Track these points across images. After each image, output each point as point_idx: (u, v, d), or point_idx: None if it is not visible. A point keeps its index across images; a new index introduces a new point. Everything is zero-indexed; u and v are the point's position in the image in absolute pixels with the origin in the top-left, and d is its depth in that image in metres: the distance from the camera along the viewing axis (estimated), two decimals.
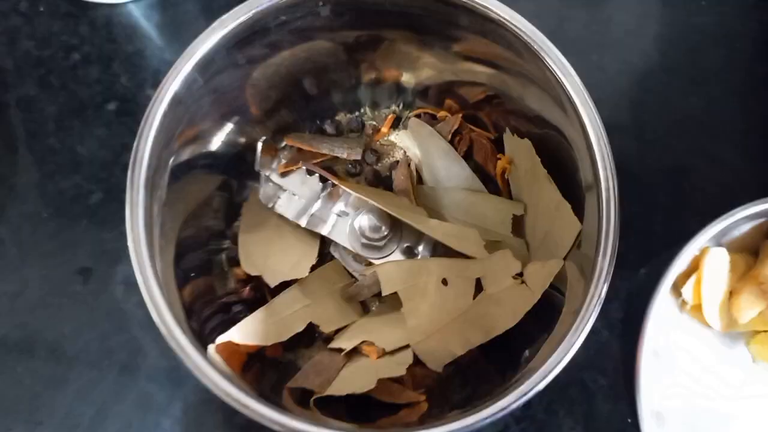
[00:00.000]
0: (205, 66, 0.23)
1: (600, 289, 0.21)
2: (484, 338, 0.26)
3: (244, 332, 0.25)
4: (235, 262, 0.29)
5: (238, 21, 0.23)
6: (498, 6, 0.24)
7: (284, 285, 0.28)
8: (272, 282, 0.28)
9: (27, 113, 0.36)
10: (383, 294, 0.26)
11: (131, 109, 0.37)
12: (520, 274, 0.27)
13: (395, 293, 0.26)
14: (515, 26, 0.24)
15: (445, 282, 0.27)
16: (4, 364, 0.33)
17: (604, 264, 0.21)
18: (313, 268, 0.29)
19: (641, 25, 0.39)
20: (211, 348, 0.23)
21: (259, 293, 0.29)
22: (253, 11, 0.23)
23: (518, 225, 0.29)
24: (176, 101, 0.23)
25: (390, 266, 0.27)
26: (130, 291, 0.34)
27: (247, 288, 0.29)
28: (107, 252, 0.35)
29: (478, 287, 0.27)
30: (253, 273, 0.28)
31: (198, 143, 0.27)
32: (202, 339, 0.24)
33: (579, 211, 0.25)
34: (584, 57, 0.38)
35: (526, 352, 0.26)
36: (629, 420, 0.32)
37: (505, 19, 0.24)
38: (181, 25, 0.38)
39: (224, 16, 0.23)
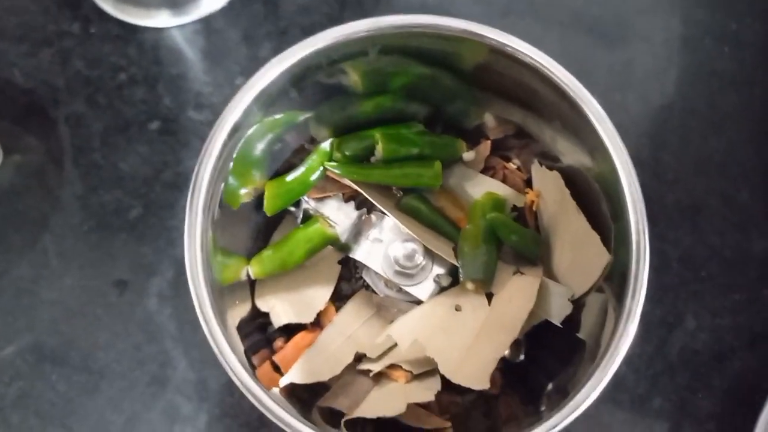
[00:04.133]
0: (261, 98, 0.25)
1: (630, 328, 0.22)
2: (513, 336, 0.27)
3: (302, 372, 0.27)
4: None
5: (297, 58, 0.25)
6: (533, 51, 0.26)
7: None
8: (276, 323, 0.29)
9: (75, 129, 0.38)
10: (403, 350, 0.27)
11: (173, 128, 0.38)
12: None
13: None
14: (550, 71, 0.26)
15: (458, 308, 0.28)
16: (41, 370, 0.34)
17: (633, 305, 0.22)
18: (339, 298, 0.30)
19: (663, 68, 0.41)
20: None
21: None
22: (311, 50, 0.24)
23: (543, 255, 0.30)
24: (234, 129, 0.24)
25: (399, 326, 0.28)
26: (164, 304, 0.36)
27: None
28: (143, 265, 0.36)
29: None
30: (263, 309, 0.29)
31: None
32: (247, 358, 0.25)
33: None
34: (608, 96, 0.39)
35: (550, 385, 0.27)
36: None
37: (540, 63, 0.26)
38: (222, 51, 0.40)
39: (283, 53, 0.25)
